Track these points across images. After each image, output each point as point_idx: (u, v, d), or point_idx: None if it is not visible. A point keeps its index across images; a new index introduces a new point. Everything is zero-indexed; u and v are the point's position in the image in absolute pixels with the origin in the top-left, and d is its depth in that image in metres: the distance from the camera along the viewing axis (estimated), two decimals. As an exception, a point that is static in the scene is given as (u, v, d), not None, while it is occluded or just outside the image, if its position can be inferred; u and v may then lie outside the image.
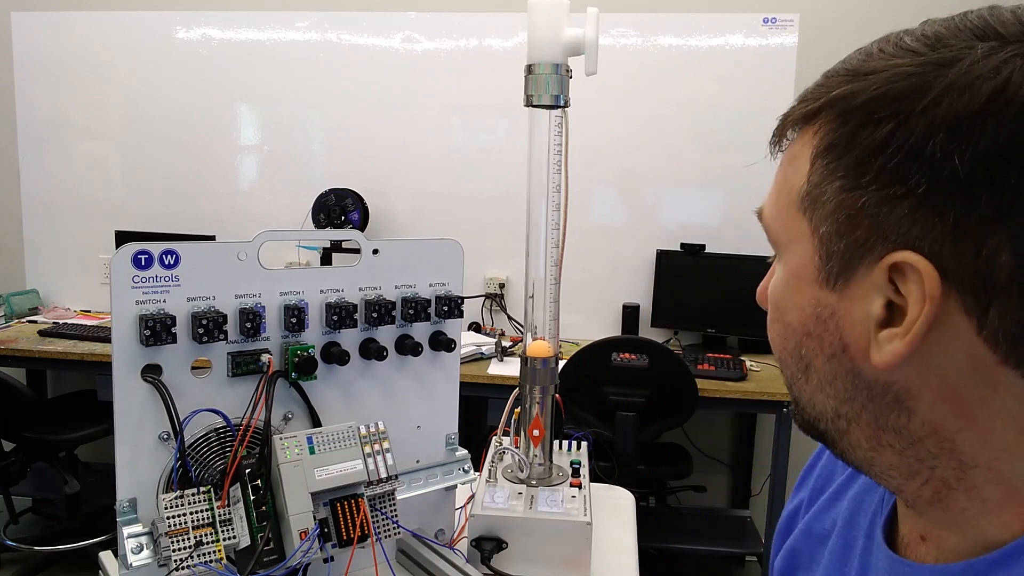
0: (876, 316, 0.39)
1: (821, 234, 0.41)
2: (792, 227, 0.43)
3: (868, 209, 0.38)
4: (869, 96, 0.38)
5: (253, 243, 0.80)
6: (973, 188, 0.35)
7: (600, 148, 2.79)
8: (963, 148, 0.35)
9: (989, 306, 0.36)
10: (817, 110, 0.41)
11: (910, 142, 0.36)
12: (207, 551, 0.72)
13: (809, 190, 0.41)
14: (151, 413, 0.75)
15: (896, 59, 0.38)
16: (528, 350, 1.06)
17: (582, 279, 2.84)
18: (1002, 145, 0.35)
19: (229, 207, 3.10)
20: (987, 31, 0.37)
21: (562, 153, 1.03)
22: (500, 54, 2.92)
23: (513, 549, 0.95)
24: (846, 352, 0.41)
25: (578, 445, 1.17)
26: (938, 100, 0.36)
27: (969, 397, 0.38)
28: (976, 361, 0.37)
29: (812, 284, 0.42)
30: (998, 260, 0.35)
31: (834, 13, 2.78)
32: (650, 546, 2.57)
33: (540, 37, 0.99)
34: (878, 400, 0.41)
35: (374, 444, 0.83)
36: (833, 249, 0.40)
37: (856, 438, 0.43)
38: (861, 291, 0.40)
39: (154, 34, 3.05)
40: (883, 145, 0.37)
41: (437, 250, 0.93)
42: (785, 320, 0.45)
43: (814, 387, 0.44)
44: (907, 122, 0.37)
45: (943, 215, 0.36)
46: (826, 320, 0.41)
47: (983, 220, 0.35)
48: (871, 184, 0.38)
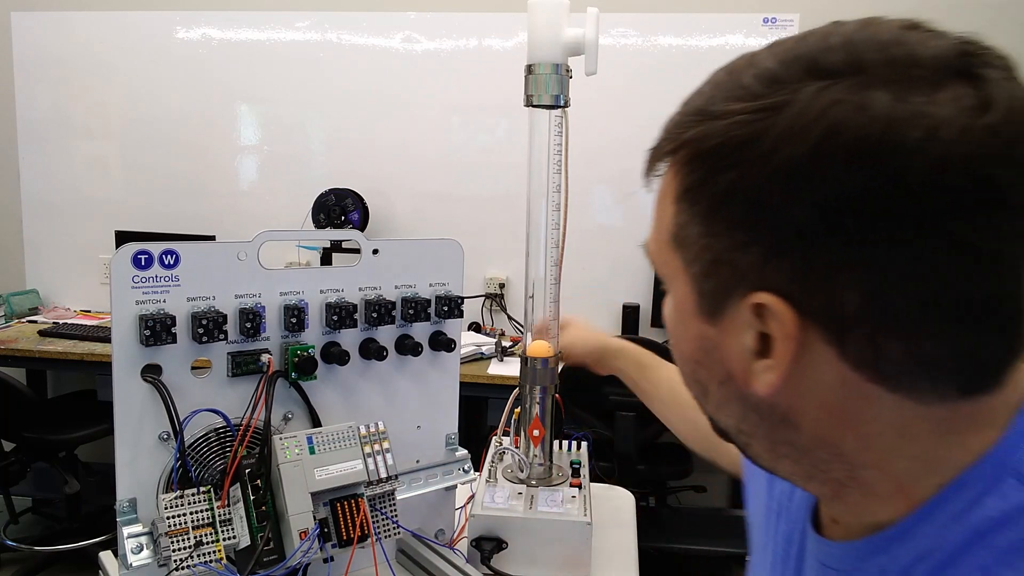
0: (750, 348, 0.41)
1: (693, 274, 0.43)
2: (670, 263, 0.45)
3: (724, 255, 0.40)
4: (713, 144, 0.39)
5: (253, 243, 0.80)
6: (814, 234, 0.37)
7: (600, 148, 2.78)
8: (800, 197, 0.36)
9: (844, 337, 0.38)
10: (674, 150, 0.42)
11: (752, 192, 0.38)
12: (207, 551, 0.72)
13: (676, 231, 0.43)
14: (151, 413, 0.75)
15: (736, 102, 0.39)
16: (528, 350, 1.06)
17: (582, 279, 2.84)
18: (837, 194, 0.36)
19: (229, 207, 3.10)
20: (817, 67, 0.37)
21: (562, 153, 1.03)
22: (500, 54, 2.92)
23: (513, 549, 0.95)
24: (731, 379, 0.44)
25: (578, 445, 1.17)
26: (773, 149, 0.37)
27: (847, 411, 0.41)
28: (846, 381, 0.40)
29: (694, 317, 0.44)
30: (845, 301, 0.37)
31: (834, 13, 2.74)
32: (650, 546, 2.56)
33: (540, 37, 0.99)
34: (768, 419, 0.44)
35: (374, 444, 0.83)
36: (704, 288, 0.42)
37: (758, 450, 0.47)
38: (734, 326, 0.42)
39: (154, 34, 3.05)
40: (729, 194, 0.39)
41: (437, 250, 0.93)
42: (680, 348, 0.48)
43: (714, 408, 0.47)
44: (748, 171, 0.38)
45: (790, 259, 0.38)
46: (710, 351, 0.44)
47: (828, 264, 0.37)
48: (723, 232, 0.40)
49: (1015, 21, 2.73)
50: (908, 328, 0.37)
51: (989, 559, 0.40)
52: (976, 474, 0.41)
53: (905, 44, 0.37)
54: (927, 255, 0.36)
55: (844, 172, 0.35)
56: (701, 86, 0.43)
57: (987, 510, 0.40)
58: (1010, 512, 0.40)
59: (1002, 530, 0.40)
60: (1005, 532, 0.40)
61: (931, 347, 0.38)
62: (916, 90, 0.35)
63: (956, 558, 0.41)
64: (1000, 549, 0.39)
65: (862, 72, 0.36)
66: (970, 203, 0.35)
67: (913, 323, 0.37)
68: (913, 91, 0.35)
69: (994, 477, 0.41)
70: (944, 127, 0.35)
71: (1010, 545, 0.39)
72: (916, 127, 0.35)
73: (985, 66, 0.37)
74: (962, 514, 0.41)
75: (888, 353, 0.38)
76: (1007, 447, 0.41)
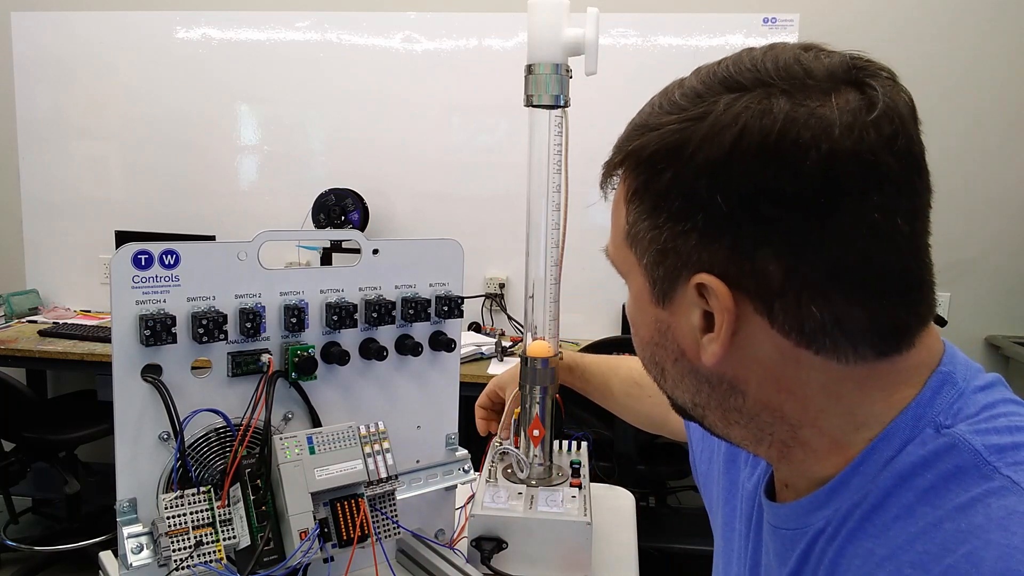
0: (697, 325, 0.48)
1: (644, 264, 0.50)
2: (626, 260, 0.52)
3: (668, 243, 0.47)
4: (652, 150, 0.47)
5: (253, 243, 0.80)
6: (737, 219, 0.44)
7: (600, 148, 2.76)
8: (723, 188, 0.44)
9: (772, 307, 0.45)
10: (621, 161, 0.50)
11: (684, 187, 0.45)
12: (207, 551, 0.72)
13: (628, 229, 0.50)
14: (151, 413, 0.75)
15: (668, 115, 0.47)
16: (528, 350, 1.06)
17: (582, 279, 2.83)
18: (750, 184, 0.43)
19: (229, 207, 3.10)
20: (731, 82, 0.45)
21: (562, 153, 1.03)
22: (500, 54, 2.91)
23: (513, 549, 0.95)
24: (684, 356, 0.50)
25: (578, 445, 1.17)
26: (697, 151, 0.44)
27: (783, 375, 0.47)
28: (779, 348, 0.46)
29: (649, 304, 0.51)
30: (768, 272, 0.44)
31: (834, 13, 2.78)
32: (650, 546, 2.56)
33: (540, 37, 0.99)
34: (717, 389, 0.50)
35: (374, 444, 0.83)
36: (655, 276, 0.49)
37: (712, 420, 0.53)
38: (683, 307, 0.48)
39: (154, 34, 3.05)
40: (667, 191, 0.46)
41: (437, 250, 0.93)
42: (640, 335, 0.54)
43: (671, 385, 0.53)
44: (680, 171, 0.45)
45: (721, 242, 0.45)
46: (665, 332, 0.51)
47: (752, 242, 0.44)
48: (666, 223, 0.47)
49: (1018, 20, 2.73)
50: (823, 295, 0.44)
51: (912, 498, 0.45)
52: (898, 426, 0.47)
53: (802, 62, 0.45)
54: (830, 230, 0.43)
55: (754, 165, 0.43)
56: (643, 108, 0.50)
57: (909, 456, 0.46)
58: (927, 456, 0.46)
59: (922, 472, 0.46)
60: (924, 474, 0.45)
61: (845, 312, 0.44)
62: (811, 96, 0.43)
63: (884, 500, 0.47)
64: (921, 489, 0.45)
65: (766, 85, 0.44)
66: (860, 186, 0.42)
67: (826, 291, 0.44)
68: (808, 97, 0.43)
69: (914, 428, 0.47)
70: (834, 124, 0.42)
71: (929, 485, 0.45)
72: (810, 125, 0.42)
73: (871, 76, 0.44)
74: (888, 462, 0.47)
75: (809, 319, 0.44)
76: (924, 402, 0.48)
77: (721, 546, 0.70)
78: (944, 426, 0.47)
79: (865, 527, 0.47)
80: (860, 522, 0.48)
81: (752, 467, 0.64)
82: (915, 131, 0.45)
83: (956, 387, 0.48)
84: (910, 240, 0.45)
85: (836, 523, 0.49)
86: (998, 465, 0.43)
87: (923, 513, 0.44)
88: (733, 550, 0.66)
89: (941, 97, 2.73)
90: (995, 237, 2.84)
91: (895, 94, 0.44)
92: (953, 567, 0.41)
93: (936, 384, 0.48)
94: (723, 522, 0.69)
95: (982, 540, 0.41)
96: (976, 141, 2.79)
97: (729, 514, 0.68)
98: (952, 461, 0.45)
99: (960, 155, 2.75)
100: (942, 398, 0.48)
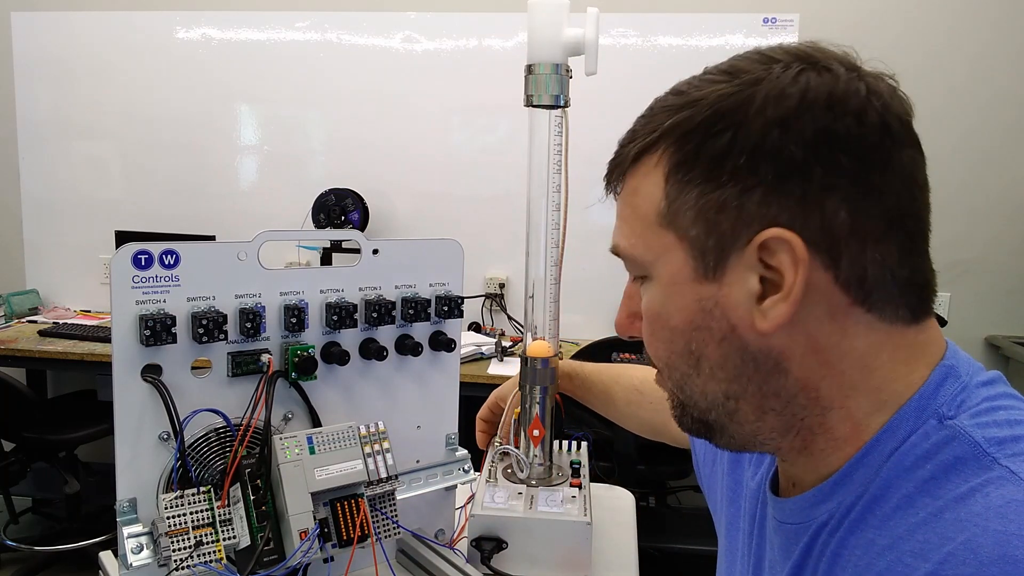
0: (755, 291, 0.48)
1: (691, 237, 0.49)
2: (656, 244, 0.51)
3: (730, 203, 0.47)
4: (703, 116, 0.48)
5: (253, 243, 0.80)
6: (808, 167, 0.45)
7: (600, 148, 2.77)
8: (794, 138, 0.45)
9: (839, 257, 0.46)
10: (655, 141, 0.50)
11: (752, 142, 0.46)
12: (207, 551, 0.72)
13: (667, 205, 0.50)
14: (151, 413, 0.75)
15: (712, 87, 0.48)
16: (528, 350, 1.06)
17: (582, 279, 2.83)
18: (820, 131, 0.45)
19: (229, 207, 3.10)
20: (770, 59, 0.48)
21: (562, 153, 1.03)
22: (500, 54, 2.91)
23: (513, 549, 0.95)
24: (735, 332, 0.49)
25: (578, 445, 1.17)
26: (763, 107, 0.46)
27: (827, 346, 0.48)
28: (833, 308, 0.47)
29: (690, 284, 0.50)
30: (838, 219, 0.46)
31: (834, 13, 2.78)
32: (650, 546, 2.56)
33: (540, 37, 0.99)
34: (761, 368, 0.50)
35: (374, 444, 0.83)
36: (706, 246, 0.48)
37: (744, 414, 0.52)
38: (737, 275, 0.48)
39: (154, 34, 3.05)
40: (728, 149, 0.47)
41: (437, 250, 0.93)
42: (671, 326, 0.52)
43: (706, 377, 0.52)
44: (744, 127, 0.46)
45: (791, 193, 0.46)
46: (711, 310, 0.49)
47: (821, 189, 0.45)
48: (728, 183, 0.47)
49: (1018, 21, 2.73)
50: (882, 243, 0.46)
51: (912, 489, 0.46)
52: (902, 417, 0.49)
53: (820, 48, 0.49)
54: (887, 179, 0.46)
55: (824, 115, 0.45)
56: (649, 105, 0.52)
57: (912, 447, 0.47)
58: (929, 448, 0.47)
59: (923, 463, 0.47)
60: (925, 465, 0.46)
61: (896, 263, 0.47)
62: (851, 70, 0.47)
63: (885, 491, 0.47)
64: (921, 480, 0.46)
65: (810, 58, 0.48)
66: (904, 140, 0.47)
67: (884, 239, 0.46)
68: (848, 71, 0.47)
69: (918, 418, 0.48)
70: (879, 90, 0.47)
71: (930, 476, 0.46)
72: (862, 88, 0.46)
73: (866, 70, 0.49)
74: (891, 453, 0.48)
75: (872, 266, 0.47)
76: (928, 393, 0.49)
77: (725, 546, 0.70)
78: (947, 417, 0.47)
79: (867, 518, 0.48)
80: (862, 513, 0.48)
81: (756, 466, 0.65)
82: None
83: (960, 380, 0.49)
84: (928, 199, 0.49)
85: (839, 515, 0.50)
86: (997, 456, 0.44)
87: (923, 504, 0.45)
88: (737, 549, 0.66)
89: (941, 97, 2.73)
90: (995, 237, 2.84)
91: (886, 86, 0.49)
92: (952, 554, 0.42)
93: (940, 376, 0.49)
94: (727, 522, 0.69)
95: (980, 528, 0.42)
96: (976, 141, 2.79)
97: (734, 514, 0.68)
98: (952, 452, 0.46)
99: (960, 155, 2.75)
100: (946, 390, 0.49)
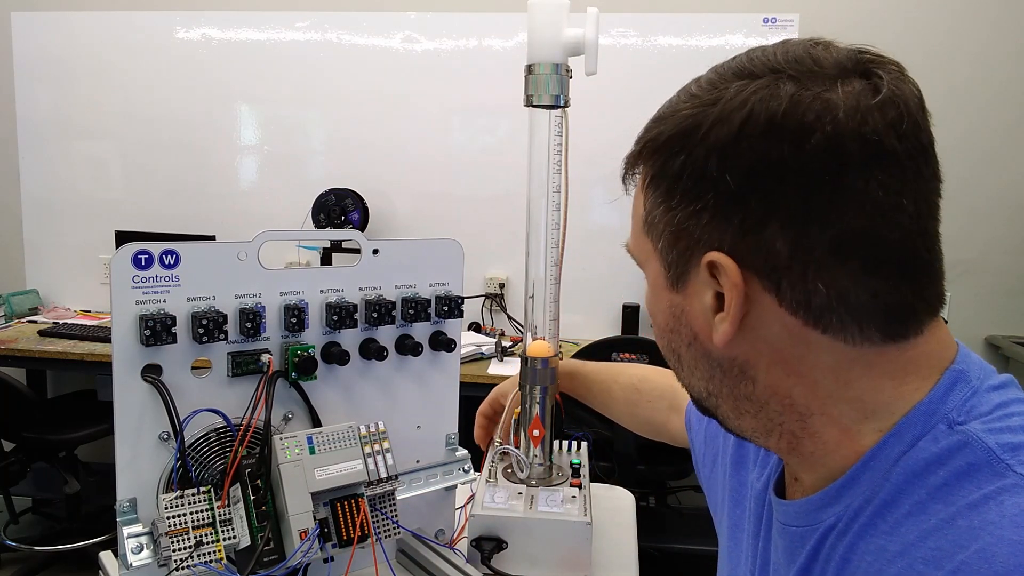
0: (709, 306, 0.49)
1: (660, 249, 0.51)
2: (644, 248, 0.53)
3: (682, 224, 0.48)
4: (666, 136, 0.49)
5: (253, 243, 0.80)
6: (745, 196, 0.45)
7: (600, 148, 2.77)
8: (732, 166, 0.45)
9: (780, 283, 0.46)
10: (639, 151, 0.52)
11: (696, 167, 0.47)
12: (207, 551, 0.72)
13: (646, 216, 0.52)
14: (151, 413, 0.75)
15: (682, 104, 0.49)
16: (528, 350, 1.06)
17: (582, 279, 2.84)
18: (757, 161, 0.45)
19: (229, 207, 3.10)
20: (743, 71, 0.47)
21: (562, 153, 1.03)
22: (500, 54, 2.91)
23: (513, 549, 0.95)
24: (697, 339, 0.51)
25: (578, 445, 1.17)
26: (708, 132, 0.46)
27: (792, 357, 0.48)
28: (788, 328, 0.47)
29: (665, 290, 0.52)
30: (775, 246, 0.45)
31: (834, 13, 2.78)
32: (650, 546, 2.56)
33: (540, 37, 0.99)
34: (728, 374, 0.51)
35: (374, 444, 0.83)
36: (670, 260, 0.50)
37: (725, 411, 0.54)
38: (695, 289, 0.50)
39: (154, 34, 3.05)
40: (680, 172, 0.48)
41: (437, 250, 0.93)
42: (657, 323, 0.55)
43: (687, 373, 0.54)
44: (692, 152, 0.47)
45: (730, 220, 0.46)
46: (679, 317, 0.52)
47: (759, 218, 0.45)
48: (679, 204, 0.48)
49: (1018, 21, 2.73)
50: (828, 270, 0.45)
51: (924, 495, 0.45)
52: (910, 421, 0.48)
53: (811, 53, 0.46)
54: (834, 205, 0.44)
55: (761, 143, 0.44)
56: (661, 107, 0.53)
57: (921, 452, 0.46)
58: (940, 453, 0.46)
59: (934, 469, 0.46)
60: (937, 471, 0.45)
61: (850, 288, 0.45)
62: (818, 83, 0.45)
63: (896, 497, 0.47)
64: (933, 486, 0.45)
65: (775, 72, 0.46)
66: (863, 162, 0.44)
67: (831, 266, 0.45)
68: (815, 83, 0.45)
69: (926, 423, 0.47)
70: (839, 107, 0.44)
71: (942, 482, 0.45)
72: (814, 107, 0.44)
73: (879, 67, 0.46)
74: (900, 458, 0.47)
75: (816, 294, 0.45)
76: (937, 398, 0.48)
77: (728, 547, 0.70)
78: (957, 423, 0.46)
79: (877, 524, 0.47)
80: (871, 518, 0.48)
81: (761, 467, 0.64)
82: (923, 120, 0.46)
83: (970, 384, 0.48)
84: (916, 222, 0.45)
85: (847, 519, 0.49)
86: (1011, 463, 0.43)
87: (935, 510, 0.44)
88: (741, 551, 0.66)
89: (941, 97, 2.73)
90: (995, 237, 2.84)
91: (901, 83, 0.45)
92: (965, 563, 0.41)
93: (949, 381, 0.48)
94: (730, 524, 0.69)
95: (995, 536, 0.41)
96: (976, 141, 2.79)
97: (738, 516, 0.67)
98: (965, 458, 0.45)
99: (960, 155, 2.75)
100: (955, 395, 0.48)
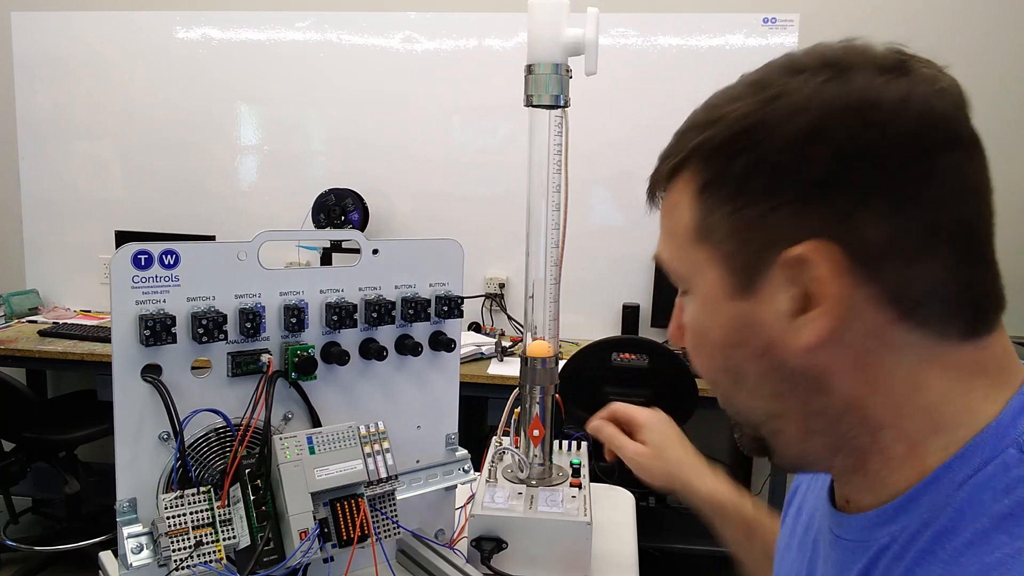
0: (790, 308, 0.46)
1: (724, 254, 0.48)
2: (692, 260, 0.50)
3: (756, 222, 0.46)
4: (724, 137, 0.47)
5: (253, 243, 0.80)
6: (832, 185, 0.44)
7: (600, 148, 2.78)
8: (814, 156, 0.44)
9: (880, 271, 0.44)
10: (682, 161, 0.50)
11: (767, 164, 0.45)
12: (207, 551, 0.72)
13: (698, 225, 0.49)
14: (151, 413, 0.75)
15: (734, 104, 0.47)
16: (528, 350, 1.06)
17: (582, 279, 2.84)
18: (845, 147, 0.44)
19: (229, 207, 3.10)
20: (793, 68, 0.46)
21: (562, 153, 1.03)
22: (500, 54, 2.91)
23: (513, 549, 0.95)
24: (771, 349, 0.48)
25: (578, 445, 1.17)
26: (779, 126, 0.45)
27: (871, 363, 0.46)
28: (875, 326, 0.45)
29: (725, 301, 0.49)
30: (873, 234, 0.43)
31: (834, 13, 2.77)
32: (650, 546, 2.56)
33: (540, 37, 0.99)
34: (799, 387, 0.48)
35: (374, 444, 0.83)
36: (736, 265, 0.48)
37: (789, 435, 0.51)
38: (768, 293, 0.47)
39: (154, 34, 3.05)
40: (745, 172, 0.46)
41: (437, 250, 0.93)
42: (710, 341, 0.51)
43: (747, 394, 0.51)
44: (760, 149, 0.45)
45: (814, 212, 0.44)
46: (749, 326, 0.48)
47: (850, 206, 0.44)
48: (747, 205, 0.46)
49: (1018, 21, 2.73)
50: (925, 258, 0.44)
51: (987, 524, 0.43)
52: (979, 444, 0.45)
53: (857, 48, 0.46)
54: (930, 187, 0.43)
55: (847, 130, 0.43)
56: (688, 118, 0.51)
57: (988, 478, 0.44)
58: (1009, 481, 0.43)
59: (1001, 497, 0.43)
60: (1003, 499, 0.43)
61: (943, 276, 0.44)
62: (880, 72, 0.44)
63: (957, 523, 0.44)
64: (997, 515, 0.42)
65: (833, 65, 0.45)
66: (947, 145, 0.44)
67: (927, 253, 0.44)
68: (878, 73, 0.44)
69: (995, 447, 0.45)
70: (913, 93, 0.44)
71: (1008, 512, 0.42)
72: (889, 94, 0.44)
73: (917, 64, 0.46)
74: (964, 482, 0.45)
75: (914, 281, 0.44)
76: (1007, 421, 0.45)
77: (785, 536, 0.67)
78: None
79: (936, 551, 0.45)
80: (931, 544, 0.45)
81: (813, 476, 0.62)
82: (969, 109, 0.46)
83: None
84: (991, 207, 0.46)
85: (904, 541, 0.47)
86: None
87: (1000, 542, 0.42)
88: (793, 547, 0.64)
89: (941, 97, 2.73)
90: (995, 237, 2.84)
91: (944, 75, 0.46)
92: None
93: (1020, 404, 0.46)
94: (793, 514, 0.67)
95: None
96: (976, 141, 2.79)
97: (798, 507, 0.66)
98: None
99: (960, 155, 2.75)
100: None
